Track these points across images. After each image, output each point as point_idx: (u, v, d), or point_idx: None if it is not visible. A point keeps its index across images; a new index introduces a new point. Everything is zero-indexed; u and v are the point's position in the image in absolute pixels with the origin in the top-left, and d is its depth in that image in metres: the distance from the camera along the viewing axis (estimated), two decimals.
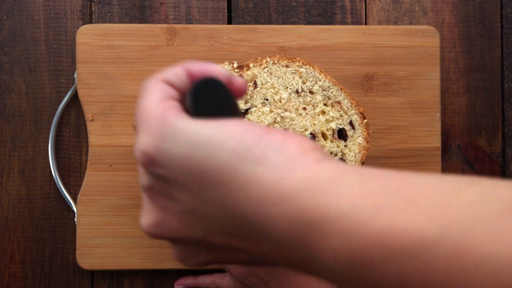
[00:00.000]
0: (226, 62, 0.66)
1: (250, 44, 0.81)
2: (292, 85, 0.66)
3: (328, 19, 0.85)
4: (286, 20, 0.85)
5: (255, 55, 0.80)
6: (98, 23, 0.82)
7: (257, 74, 0.66)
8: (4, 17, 0.83)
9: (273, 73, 0.66)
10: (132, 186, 0.81)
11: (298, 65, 0.66)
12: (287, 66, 0.66)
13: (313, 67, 0.66)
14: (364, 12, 0.85)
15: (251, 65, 0.66)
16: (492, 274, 0.29)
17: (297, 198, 0.34)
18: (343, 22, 0.85)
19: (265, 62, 0.66)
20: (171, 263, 0.81)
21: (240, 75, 0.66)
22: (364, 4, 0.85)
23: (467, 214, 0.31)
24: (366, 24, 0.85)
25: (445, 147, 0.84)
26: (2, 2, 0.83)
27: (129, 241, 0.81)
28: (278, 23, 0.84)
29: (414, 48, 0.82)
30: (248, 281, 0.71)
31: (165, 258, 0.81)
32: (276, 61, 0.67)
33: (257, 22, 0.85)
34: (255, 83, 0.65)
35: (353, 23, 0.85)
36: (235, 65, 0.67)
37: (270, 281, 0.70)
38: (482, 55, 0.85)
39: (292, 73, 0.66)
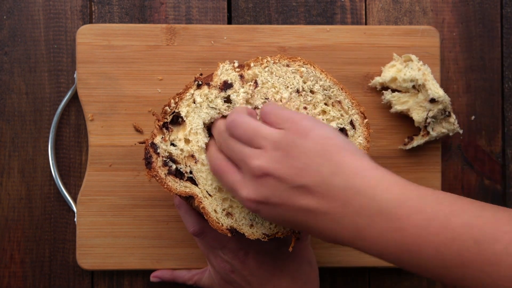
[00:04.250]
0: (227, 62, 0.66)
1: (250, 44, 0.81)
2: (293, 84, 0.66)
3: (328, 19, 0.85)
4: (286, 20, 0.85)
5: (255, 55, 0.80)
6: (98, 23, 0.82)
7: (258, 73, 0.66)
8: (4, 17, 0.83)
9: (274, 73, 0.66)
10: (132, 186, 0.81)
11: (299, 65, 0.66)
12: (287, 66, 0.66)
13: (313, 67, 0.66)
14: (364, 12, 0.85)
15: (251, 65, 0.66)
16: None
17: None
18: (343, 22, 0.85)
19: (266, 62, 0.66)
20: (171, 263, 0.81)
21: (241, 75, 0.66)
22: (364, 4, 0.85)
23: None
24: (366, 24, 0.85)
25: (445, 147, 0.84)
26: (2, 2, 0.83)
27: (129, 241, 0.80)
28: (278, 23, 0.84)
29: (414, 48, 0.82)
30: (230, 278, 0.71)
31: (165, 258, 0.81)
32: (277, 61, 0.66)
33: (257, 22, 0.85)
34: (255, 82, 0.65)
35: (353, 23, 0.85)
36: (236, 64, 0.66)
37: (253, 281, 0.69)
38: (482, 55, 0.85)
39: (292, 72, 0.66)
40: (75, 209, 0.81)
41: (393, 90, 0.80)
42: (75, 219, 0.80)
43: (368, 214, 0.51)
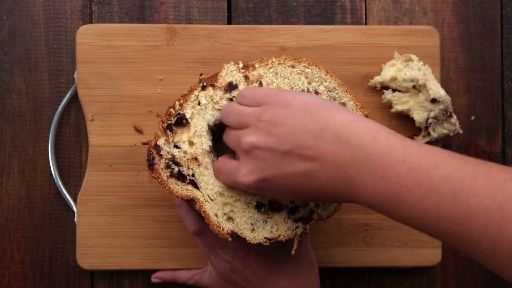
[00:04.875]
0: (232, 62, 0.66)
1: (250, 44, 0.81)
2: (298, 85, 0.65)
3: (328, 19, 0.85)
4: (286, 20, 0.85)
5: (255, 55, 0.80)
6: (98, 23, 0.82)
7: (263, 74, 0.65)
8: (4, 17, 0.83)
9: (279, 74, 0.66)
10: (132, 186, 0.80)
11: (304, 66, 0.66)
12: (293, 67, 0.66)
13: (319, 68, 0.66)
14: (364, 12, 0.85)
15: (256, 65, 0.66)
16: None
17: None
18: (343, 22, 0.85)
19: (271, 63, 0.66)
20: (171, 263, 0.81)
21: (246, 76, 0.66)
22: (364, 4, 0.85)
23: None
24: (366, 24, 0.85)
25: (445, 147, 0.84)
26: (2, 2, 0.83)
27: (129, 241, 0.80)
28: (278, 23, 0.84)
29: (414, 48, 0.82)
30: (230, 277, 0.71)
31: (165, 258, 0.81)
32: (282, 62, 0.66)
33: (257, 22, 0.85)
34: (260, 83, 0.65)
35: (353, 23, 0.85)
36: (241, 65, 0.66)
37: (254, 281, 0.69)
38: (482, 55, 0.85)
39: (298, 73, 0.66)
40: (75, 209, 0.81)
41: (393, 90, 0.80)
42: (75, 219, 0.80)
43: (358, 164, 0.53)
